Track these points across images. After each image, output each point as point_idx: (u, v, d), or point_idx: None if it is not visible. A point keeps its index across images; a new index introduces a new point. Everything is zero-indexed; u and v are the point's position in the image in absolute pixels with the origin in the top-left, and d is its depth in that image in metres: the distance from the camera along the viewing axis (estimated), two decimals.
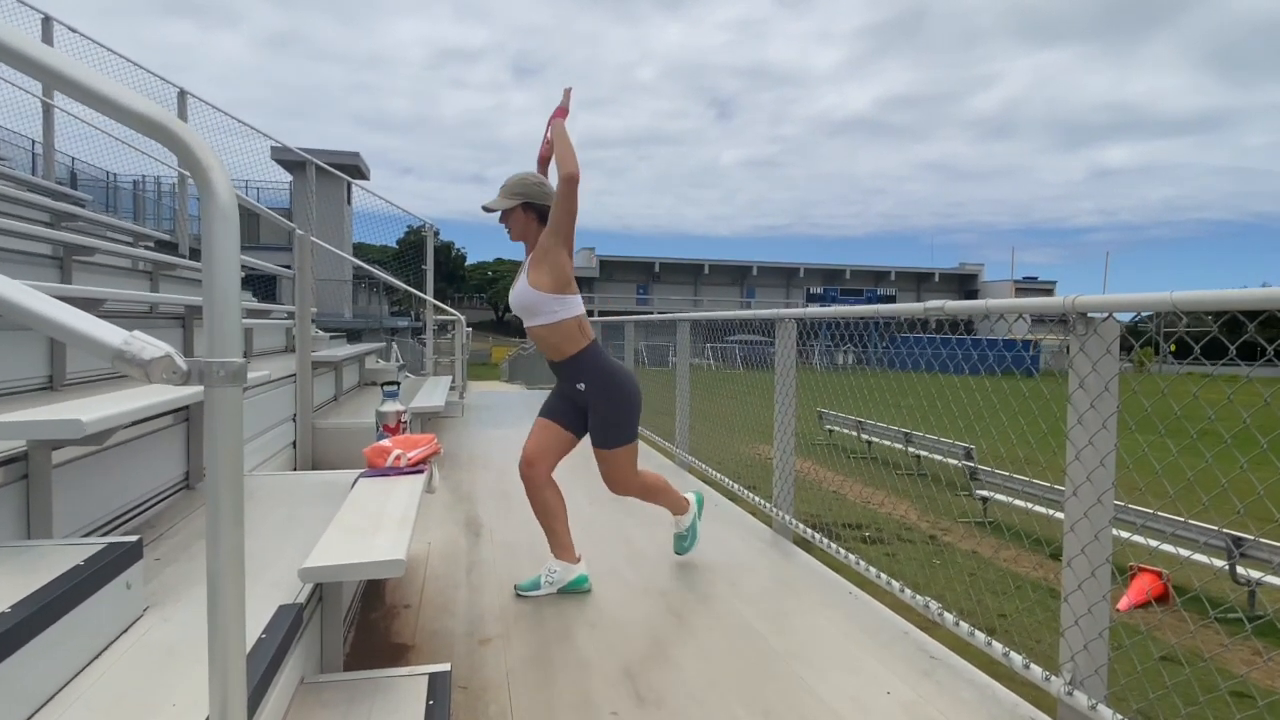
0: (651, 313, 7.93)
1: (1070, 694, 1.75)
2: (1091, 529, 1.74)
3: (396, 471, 2.57)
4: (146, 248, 5.47)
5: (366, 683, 1.66)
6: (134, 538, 1.57)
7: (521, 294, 2.54)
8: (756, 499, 3.81)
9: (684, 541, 2.98)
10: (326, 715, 1.51)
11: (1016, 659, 1.96)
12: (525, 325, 2.59)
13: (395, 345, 10.72)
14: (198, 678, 1.30)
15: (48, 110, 6.24)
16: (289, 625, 1.52)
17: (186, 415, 2.68)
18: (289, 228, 4.23)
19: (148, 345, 0.96)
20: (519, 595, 2.60)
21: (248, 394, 3.66)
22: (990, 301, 2.01)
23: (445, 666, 1.72)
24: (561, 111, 2.63)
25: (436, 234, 7.28)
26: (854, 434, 14.31)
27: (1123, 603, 6.43)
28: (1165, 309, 1.56)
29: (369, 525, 1.92)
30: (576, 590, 2.64)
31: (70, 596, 1.31)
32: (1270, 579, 5.63)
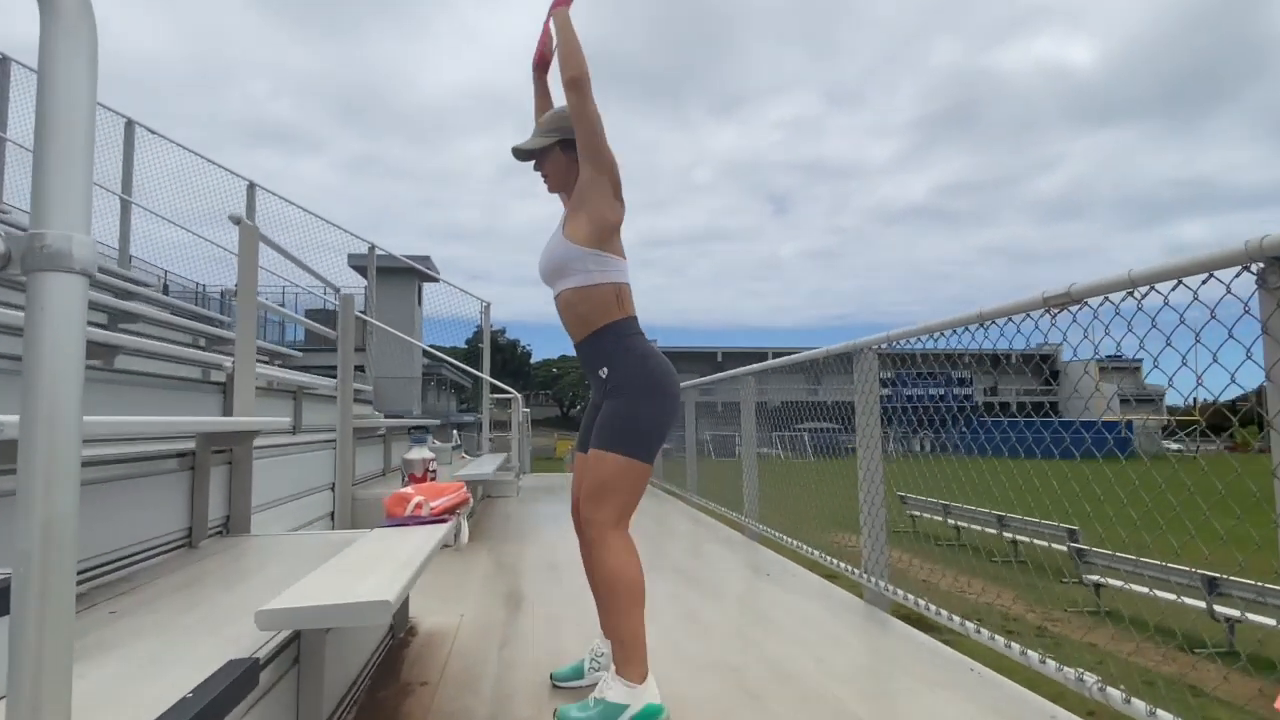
0: (716, 403, 7.62)
1: None
2: None
3: (417, 521, 2.21)
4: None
5: None
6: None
7: (552, 248, 1.97)
8: (843, 566, 3.28)
9: (585, 711, 1.78)
10: None
11: None
12: (554, 294, 2.01)
13: (456, 431, 10.57)
14: None
15: (124, 205, 6.51)
16: (231, 683, 1.15)
17: (192, 464, 2.41)
18: (334, 288, 4.10)
19: None
20: None
21: (279, 453, 3.42)
22: (1134, 269, 1.58)
23: None
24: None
25: (487, 306, 7.19)
26: (940, 519, 13.31)
27: None
28: None
29: (362, 569, 1.56)
30: None
31: None
32: None
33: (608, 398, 1.92)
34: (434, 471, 2.63)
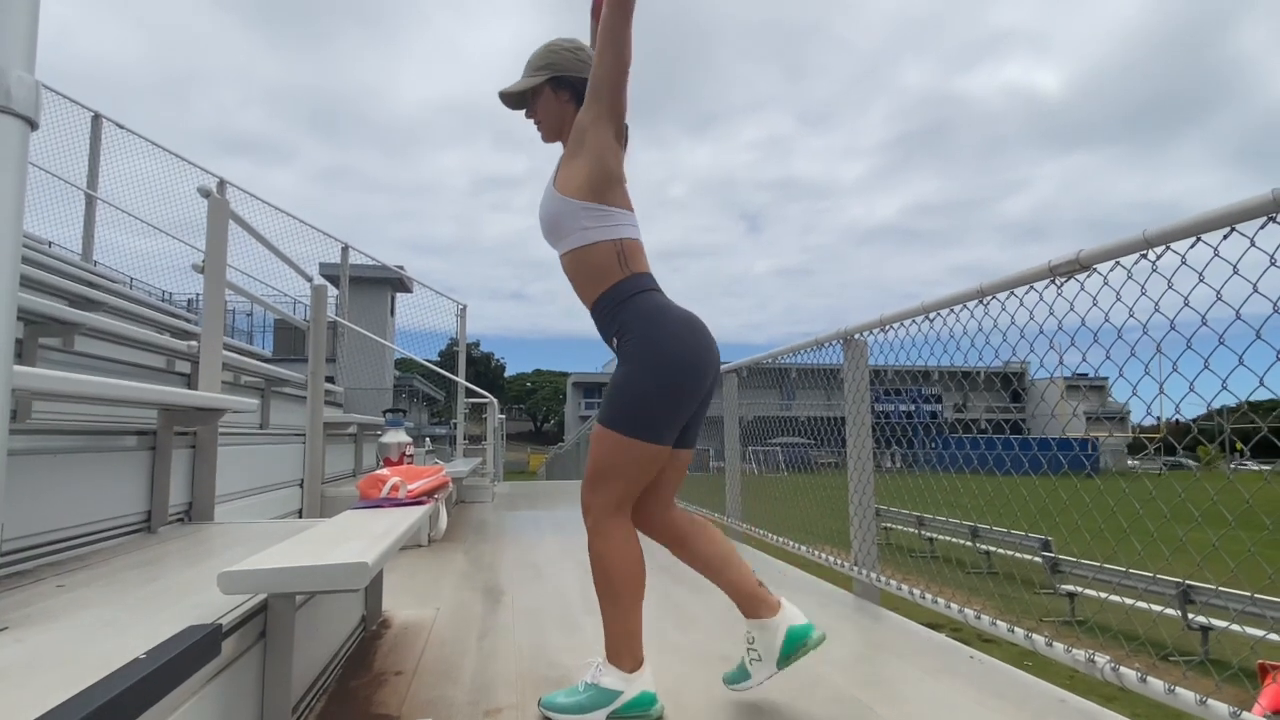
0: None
1: None
2: None
3: (392, 503, 2.09)
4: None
5: None
6: None
7: (544, 202, 1.73)
8: (831, 559, 3.20)
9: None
10: None
11: None
12: (559, 255, 1.76)
13: (429, 439, 10.40)
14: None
15: (90, 201, 6.30)
16: (190, 646, 1.03)
17: (153, 444, 2.26)
18: (307, 277, 3.96)
19: None
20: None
21: (246, 442, 3.26)
22: (1148, 229, 1.54)
23: None
24: None
25: (463, 309, 7.07)
26: (914, 531, 13.32)
27: (1257, 708, 5.50)
28: None
29: (334, 541, 1.44)
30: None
31: None
32: None
33: (618, 366, 1.68)
34: (411, 456, 2.51)
